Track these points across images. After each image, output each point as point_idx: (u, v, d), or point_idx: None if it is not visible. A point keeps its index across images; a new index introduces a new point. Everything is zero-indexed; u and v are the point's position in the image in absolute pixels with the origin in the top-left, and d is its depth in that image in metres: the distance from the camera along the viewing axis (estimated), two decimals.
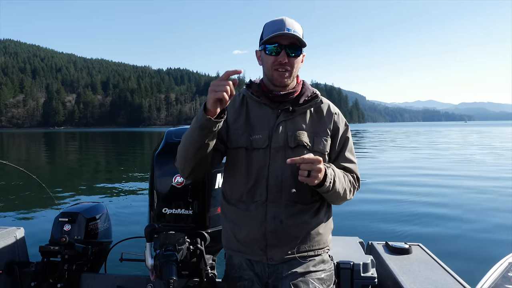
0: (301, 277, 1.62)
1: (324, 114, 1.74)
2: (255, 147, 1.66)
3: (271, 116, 1.69)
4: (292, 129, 1.66)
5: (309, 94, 1.73)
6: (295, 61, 1.64)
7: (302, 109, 1.70)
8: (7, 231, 2.36)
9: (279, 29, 1.58)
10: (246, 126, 1.71)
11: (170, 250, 1.77)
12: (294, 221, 1.63)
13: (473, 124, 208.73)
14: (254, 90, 1.74)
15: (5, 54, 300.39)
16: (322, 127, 1.71)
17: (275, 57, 1.62)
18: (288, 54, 1.61)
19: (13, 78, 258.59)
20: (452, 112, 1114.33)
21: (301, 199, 1.65)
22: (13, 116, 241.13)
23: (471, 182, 10.86)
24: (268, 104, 1.70)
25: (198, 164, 1.58)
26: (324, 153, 1.69)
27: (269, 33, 1.60)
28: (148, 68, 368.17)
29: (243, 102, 1.77)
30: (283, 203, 1.63)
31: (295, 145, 1.64)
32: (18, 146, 35.67)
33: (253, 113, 1.73)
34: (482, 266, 2.16)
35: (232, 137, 1.70)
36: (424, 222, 6.55)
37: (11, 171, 12.80)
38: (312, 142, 1.67)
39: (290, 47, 1.60)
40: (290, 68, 1.63)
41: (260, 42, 1.67)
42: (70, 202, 8.21)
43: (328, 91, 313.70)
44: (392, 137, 43.44)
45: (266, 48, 1.63)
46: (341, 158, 1.73)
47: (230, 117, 1.73)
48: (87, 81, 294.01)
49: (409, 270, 2.03)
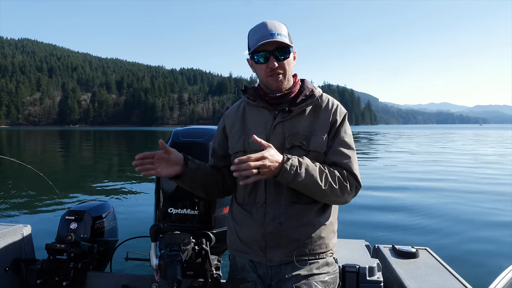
0: (304, 280, 1.60)
1: (322, 111, 1.70)
2: (253, 149, 1.62)
3: (269, 118, 1.68)
4: (289, 130, 1.65)
5: (307, 92, 1.70)
6: (286, 63, 1.63)
7: (299, 108, 1.66)
8: (14, 229, 2.38)
9: (263, 35, 1.57)
10: (243, 130, 1.72)
11: (175, 250, 1.77)
12: (293, 223, 1.61)
13: (488, 127, 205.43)
14: (250, 95, 1.74)
15: (22, 53, 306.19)
16: (320, 125, 1.66)
17: (265, 65, 1.62)
18: (277, 58, 1.60)
19: (30, 76, 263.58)
20: (466, 114, 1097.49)
21: (300, 199, 1.61)
22: (30, 114, 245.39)
23: (482, 186, 10.70)
24: (265, 107, 1.70)
25: (207, 195, 1.77)
26: (321, 152, 1.64)
27: (254, 41, 1.60)
28: (161, 68, 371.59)
29: (239, 108, 1.80)
30: (282, 204, 1.62)
31: (290, 146, 1.63)
32: (34, 144, 36.24)
33: (250, 116, 1.74)
34: (491, 271, 2.12)
35: (231, 144, 1.75)
36: (431, 226, 6.48)
37: (20, 169, 13.01)
38: (308, 141, 1.63)
39: (278, 50, 1.60)
40: (282, 71, 1.63)
41: (248, 51, 1.67)
42: (77, 201, 8.33)
43: (340, 92, 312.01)
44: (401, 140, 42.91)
45: (255, 57, 1.63)
46: (332, 152, 1.65)
47: (228, 126, 1.79)
48: (102, 80, 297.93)
49: (416, 274, 2.00)
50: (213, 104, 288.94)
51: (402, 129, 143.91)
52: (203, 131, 2.30)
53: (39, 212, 7.62)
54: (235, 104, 1.85)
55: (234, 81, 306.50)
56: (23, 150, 26.58)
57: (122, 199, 8.95)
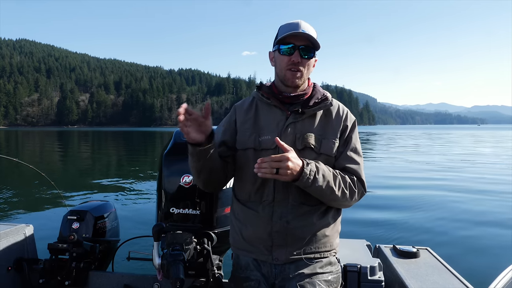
0: (307, 279, 1.61)
1: (333, 116, 1.73)
2: (263, 148, 1.67)
3: (281, 117, 1.70)
4: (300, 131, 1.66)
5: (319, 96, 1.73)
6: (308, 63, 1.66)
7: (312, 111, 1.69)
8: (17, 228, 2.39)
9: (294, 29, 1.60)
10: (255, 128, 1.73)
11: (177, 250, 1.76)
12: (300, 222, 1.63)
13: (486, 127, 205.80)
14: (264, 92, 1.76)
15: (20, 54, 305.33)
16: (331, 129, 1.70)
17: (288, 57, 1.64)
18: (301, 55, 1.63)
19: (28, 77, 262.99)
20: (464, 115, 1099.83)
21: (308, 200, 1.64)
22: (28, 115, 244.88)
23: (482, 185, 10.71)
24: (278, 106, 1.71)
25: (209, 181, 1.69)
26: (331, 156, 1.68)
27: (284, 32, 1.63)
28: (160, 68, 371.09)
29: (252, 104, 1.80)
30: (290, 204, 1.63)
31: (302, 147, 1.64)
32: (32, 144, 36.15)
33: (262, 114, 1.75)
34: (492, 270, 2.12)
35: (240, 139, 1.74)
36: (432, 226, 6.47)
37: (22, 169, 13.00)
38: (320, 144, 1.66)
39: (304, 48, 1.63)
40: (302, 69, 1.65)
41: (275, 42, 1.70)
42: (79, 200, 8.31)
43: (338, 93, 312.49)
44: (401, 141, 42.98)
45: (280, 48, 1.65)
46: (343, 158, 1.70)
47: (239, 120, 1.78)
48: (100, 81, 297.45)
49: (417, 274, 2.01)
50: (212, 105, 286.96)
51: (400, 129, 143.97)
52: None
53: (41, 212, 7.61)
54: (248, 98, 1.86)
55: (232, 81, 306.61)
56: (22, 151, 26.47)
57: (123, 199, 8.93)
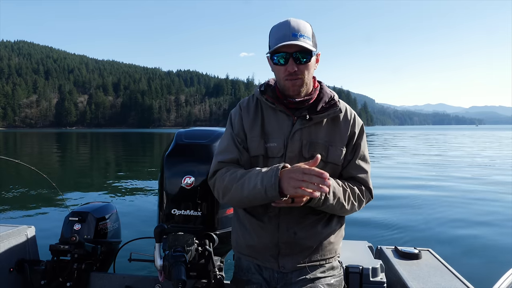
0: (310, 283, 1.59)
1: (340, 121, 1.64)
2: (270, 156, 1.60)
3: (287, 123, 1.60)
4: (307, 138, 1.58)
5: (327, 99, 1.64)
6: (307, 67, 1.53)
7: (319, 118, 1.59)
8: (18, 230, 2.38)
9: (284, 35, 1.47)
10: (262, 134, 1.63)
11: (179, 251, 1.76)
12: (307, 233, 1.60)
13: (484, 128, 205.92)
14: (269, 97, 1.64)
15: (19, 55, 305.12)
16: (338, 135, 1.62)
17: (284, 67, 1.52)
18: (297, 61, 1.50)
19: (27, 79, 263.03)
20: (462, 115, 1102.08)
21: (313, 210, 1.58)
22: (27, 116, 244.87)
23: (483, 186, 10.72)
24: (284, 111, 1.61)
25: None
26: (338, 164, 1.62)
27: (275, 41, 1.49)
28: (158, 69, 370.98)
29: (257, 108, 1.69)
30: (295, 215, 1.59)
31: (309, 156, 1.56)
32: (30, 146, 36.08)
33: (268, 119, 1.65)
34: (494, 272, 2.12)
35: (250, 146, 1.64)
36: (434, 227, 6.47)
37: (23, 170, 13.00)
38: (327, 152, 1.59)
39: (299, 52, 1.49)
40: (301, 76, 1.53)
41: (269, 49, 1.56)
42: (80, 202, 8.29)
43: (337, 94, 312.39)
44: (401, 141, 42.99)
45: (274, 58, 1.53)
46: (351, 167, 1.64)
47: (247, 124, 1.66)
48: (99, 82, 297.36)
49: (419, 275, 2.00)
50: (210, 106, 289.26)
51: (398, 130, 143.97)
52: (206, 132, 2.28)
53: (42, 213, 7.62)
54: (250, 99, 1.73)
55: (231, 82, 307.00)
56: (21, 152, 26.43)
57: (125, 200, 8.94)
